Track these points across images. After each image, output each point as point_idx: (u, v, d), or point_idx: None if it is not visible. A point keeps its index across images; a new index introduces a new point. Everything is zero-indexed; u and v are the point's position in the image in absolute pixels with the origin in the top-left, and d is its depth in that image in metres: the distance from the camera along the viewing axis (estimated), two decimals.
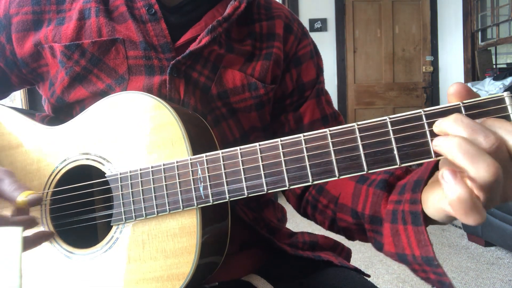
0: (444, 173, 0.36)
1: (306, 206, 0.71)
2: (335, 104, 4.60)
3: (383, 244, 0.52)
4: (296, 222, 3.13)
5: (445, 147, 0.36)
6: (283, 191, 0.71)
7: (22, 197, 0.50)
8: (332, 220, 0.65)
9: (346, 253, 0.78)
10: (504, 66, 4.04)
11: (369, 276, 0.72)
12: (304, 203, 0.71)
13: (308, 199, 0.70)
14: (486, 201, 0.36)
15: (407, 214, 0.46)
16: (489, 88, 3.31)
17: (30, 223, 0.53)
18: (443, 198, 0.39)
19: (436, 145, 0.38)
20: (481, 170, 0.34)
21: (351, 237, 0.64)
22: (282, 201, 0.83)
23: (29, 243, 0.54)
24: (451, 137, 0.36)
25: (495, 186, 0.35)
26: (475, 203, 0.35)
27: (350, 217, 0.60)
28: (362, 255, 2.51)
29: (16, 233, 0.43)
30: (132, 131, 0.55)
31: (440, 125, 0.38)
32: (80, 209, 0.58)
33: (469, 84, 3.55)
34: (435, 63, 4.67)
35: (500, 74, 3.39)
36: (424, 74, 4.70)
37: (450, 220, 0.41)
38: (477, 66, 3.97)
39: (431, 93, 4.69)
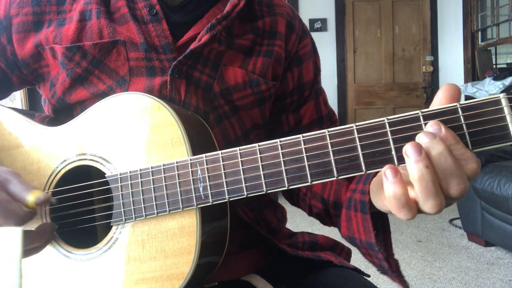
0: (386, 171, 0.40)
1: (293, 195, 0.77)
2: (335, 104, 4.60)
3: (341, 228, 0.59)
4: (296, 222, 3.14)
5: (411, 168, 0.39)
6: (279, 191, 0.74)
7: (30, 197, 0.50)
8: (309, 207, 0.72)
9: (346, 253, 0.78)
10: (504, 66, 4.04)
11: (369, 276, 0.72)
12: (291, 193, 0.77)
13: (294, 190, 0.75)
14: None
15: (357, 202, 0.53)
16: (489, 88, 3.31)
17: (49, 230, 0.55)
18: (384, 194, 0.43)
19: (405, 156, 0.40)
20: (428, 207, 0.40)
21: (324, 223, 0.72)
22: (282, 201, 0.83)
23: (34, 249, 0.54)
24: (421, 166, 0.39)
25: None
26: (408, 202, 0.40)
27: (320, 203, 0.68)
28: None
29: (16, 233, 0.43)
30: (132, 131, 0.55)
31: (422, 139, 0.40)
32: (80, 209, 0.59)
33: (469, 84, 3.56)
34: (435, 63, 4.67)
35: (500, 74, 3.40)
36: (424, 74, 4.70)
37: (390, 212, 0.45)
38: (477, 66, 3.97)
39: (431, 93, 4.69)
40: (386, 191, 0.40)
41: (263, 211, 0.75)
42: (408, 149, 0.39)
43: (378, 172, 0.45)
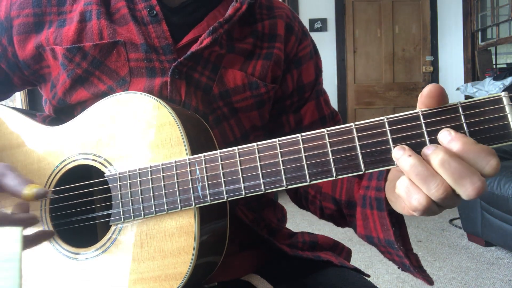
0: (394, 153, 0.40)
1: (301, 198, 0.75)
2: (335, 104, 4.60)
3: (356, 227, 0.57)
4: (296, 222, 3.13)
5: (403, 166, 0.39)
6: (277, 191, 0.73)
7: (27, 190, 0.50)
8: (320, 209, 0.70)
9: (346, 253, 0.78)
10: (504, 66, 4.04)
11: (369, 276, 0.72)
12: (299, 196, 0.76)
13: (301, 192, 0.75)
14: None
15: (373, 200, 0.51)
16: (489, 88, 3.31)
17: (31, 221, 0.53)
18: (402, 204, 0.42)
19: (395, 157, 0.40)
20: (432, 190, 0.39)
21: (338, 224, 0.70)
22: (282, 201, 0.83)
23: (29, 242, 0.54)
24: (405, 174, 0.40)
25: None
26: (428, 169, 0.38)
27: (332, 204, 0.66)
28: (362, 255, 2.51)
29: (16, 233, 0.43)
30: (132, 131, 0.55)
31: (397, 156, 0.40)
32: (79, 208, 0.58)
33: (469, 84, 3.55)
34: (435, 63, 4.67)
35: (500, 74, 3.39)
36: (424, 74, 4.70)
37: (408, 213, 0.44)
38: (477, 66, 3.97)
39: None
40: (404, 168, 0.39)
41: (263, 211, 0.75)
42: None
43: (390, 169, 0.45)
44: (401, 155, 0.39)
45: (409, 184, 0.39)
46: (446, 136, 0.38)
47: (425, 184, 0.38)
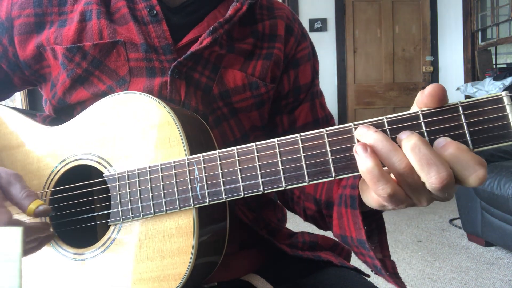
0: (356, 148, 0.40)
1: (287, 200, 0.75)
2: (335, 104, 4.60)
3: (333, 226, 0.56)
4: (296, 222, 3.13)
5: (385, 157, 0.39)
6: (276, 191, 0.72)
7: (33, 205, 0.50)
8: (303, 210, 0.69)
9: (346, 253, 0.77)
10: (504, 66, 4.04)
11: (369, 276, 0.72)
12: (286, 197, 0.75)
13: (288, 193, 0.74)
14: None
15: (347, 197, 0.51)
16: (489, 88, 3.31)
17: (44, 230, 0.53)
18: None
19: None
20: (420, 202, 0.40)
21: (319, 226, 0.69)
22: None
23: (32, 247, 0.54)
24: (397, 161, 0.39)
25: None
26: (383, 174, 0.39)
27: (313, 205, 0.66)
28: None
29: (16, 233, 0.42)
30: (131, 131, 0.55)
31: (402, 137, 0.39)
32: (78, 209, 0.58)
33: (469, 84, 3.55)
34: (435, 63, 4.67)
35: (500, 74, 3.39)
36: (424, 74, 4.70)
37: (380, 205, 0.44)
38: (477, 66, 3.97)
39: None
40: (359, 168, 0.40)
41: (262, 211, 0.75)
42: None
43: None
44: (365, 131, 0.40)
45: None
46: (442, 141, 0.38)
47: (387, 159, 0.39)
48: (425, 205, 0.41)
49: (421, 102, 0.40)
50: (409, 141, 0.38)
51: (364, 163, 0.39)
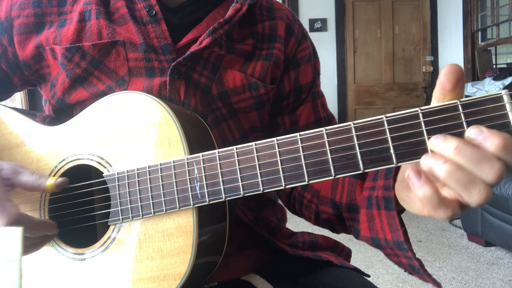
0: (410, 174, 0.38)
1: (294, 203, 0.73)
2: (335, 104, 4.60)
3: (359, 230, 0.54)
4: (296, 222, 3.13)
5: (437, 169, 0.37)
6: (276, 191, 0.71)
7: (51, 181, 0.52)
8: (316, 214, 0.67)
9: (346, 253, 0.77)
10: (504, 66, 4.04)
11: (369, 276, 0.72)
12: (292, 200, 0.73)
13: (295, 196, 0.72)
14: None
15: (380, 199, 0.49)
16: (489, 88, 3.31)
17: (51, 228, 0.54)
18: (413, 195, 0.40)
19: (426, 163, 0.38)
20: (474, 198, 0.36)
21: (334, 230, 0.67)
22: None
23: (32, 246, 0.54)
24: (447, 164, 0.36)
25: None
26: (442, 200, 0.37)
27: (330, 208, 0.63)
28: (362, 255, 2.51)
29: (16, 233, 0.42)
30: (130, 130, 0.55)
31: (438, 147, 0.37)
32: (78, 208, 0.58)
33: (469, 84, 3.55)
34: (435, 63, 4.66)
35: (500, 74, 3.39)
36: (424, 74, 4.70)
37: (427, 215, 0.42)
38: (477, 66, 3.97)
39: (431, 93, 4.68)
40: (416, 193, 0.38)
41: (262, 211, 0.74)
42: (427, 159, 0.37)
43: (400, 166, 0.43)
44: (441, 141, 0.37)
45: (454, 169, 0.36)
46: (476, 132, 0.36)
47: (466, 191, 0.36)
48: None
49: (440, 85, 0.39)
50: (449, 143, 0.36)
51: (421, 191, 0.38)
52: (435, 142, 0.38)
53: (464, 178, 0.36)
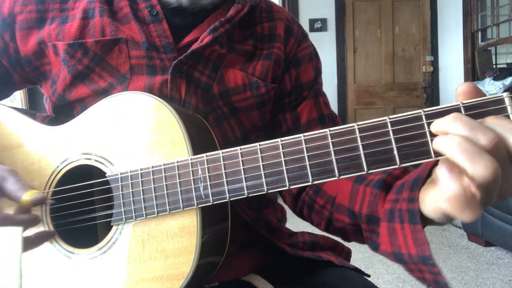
0: (441, 170, 0.37)
1: (303, 207, 0.71)
2: (335, 104, 4.60)
3: (379, 244, 0.52)
4: (296, 222, 3.13)
5: (444, 145, 0.37)
6: (279, 191, 0.71)
7: (26, 196, 0.50)
8: (328, 221, 0.65)
9: (346, 253, 0.78)
10: (504, 66, 4.03)
11: (369, 276, 0.72)
12: (301, 204, 0.71)
13: (305, 200, 0.70)
14: (484, 199, 0.36)
15: (404, 212, 0.46)
16: (489, 88, 3.31)
17: (33, 222, 0.53)
18: (440, 196, 0.38)
19: (436, 143, 0.38)
20: (479, 168, 0.35)
21: (346, 238, 0.64)
22: (282, 201, 0.83)
23: (30, 243, 0.54)
24: (450, 136, 0.36)
25: (493, 184, 0.35)
26: (471, 200, 0.36)
27: (347, 217, 0.60)
28: (362, 255, 2.51)
29: (16, 233, 0.43)
30: (133, 131, 0.55)
31: (438, 123, 0.38)
32: (80, 209, 0.58)
33: None
34: (435, 63, 4.67)
35: (500, 74, 3.39)
36: (424, 74, 4.70)
37: (446, 219, 0.41)
38: (477, 66, 3.97)
39: (431, 93, 4.68)
40: (445, 191, 0.37)
41: (262, 211, 0.75)
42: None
43: (426, 178, 0.43)
44: (439, 120, 0.38)
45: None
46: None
47: (473, 162, 0.35)
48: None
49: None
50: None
51: (451, 188, 0.36)
52: (436, 124, 0.38)
53: (470, 148, 0.35)
